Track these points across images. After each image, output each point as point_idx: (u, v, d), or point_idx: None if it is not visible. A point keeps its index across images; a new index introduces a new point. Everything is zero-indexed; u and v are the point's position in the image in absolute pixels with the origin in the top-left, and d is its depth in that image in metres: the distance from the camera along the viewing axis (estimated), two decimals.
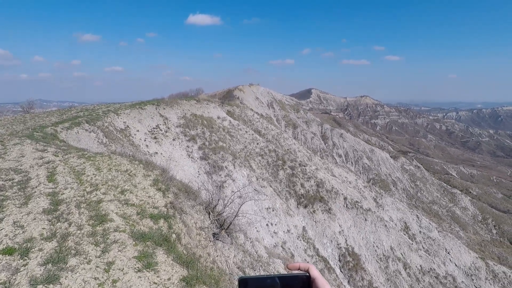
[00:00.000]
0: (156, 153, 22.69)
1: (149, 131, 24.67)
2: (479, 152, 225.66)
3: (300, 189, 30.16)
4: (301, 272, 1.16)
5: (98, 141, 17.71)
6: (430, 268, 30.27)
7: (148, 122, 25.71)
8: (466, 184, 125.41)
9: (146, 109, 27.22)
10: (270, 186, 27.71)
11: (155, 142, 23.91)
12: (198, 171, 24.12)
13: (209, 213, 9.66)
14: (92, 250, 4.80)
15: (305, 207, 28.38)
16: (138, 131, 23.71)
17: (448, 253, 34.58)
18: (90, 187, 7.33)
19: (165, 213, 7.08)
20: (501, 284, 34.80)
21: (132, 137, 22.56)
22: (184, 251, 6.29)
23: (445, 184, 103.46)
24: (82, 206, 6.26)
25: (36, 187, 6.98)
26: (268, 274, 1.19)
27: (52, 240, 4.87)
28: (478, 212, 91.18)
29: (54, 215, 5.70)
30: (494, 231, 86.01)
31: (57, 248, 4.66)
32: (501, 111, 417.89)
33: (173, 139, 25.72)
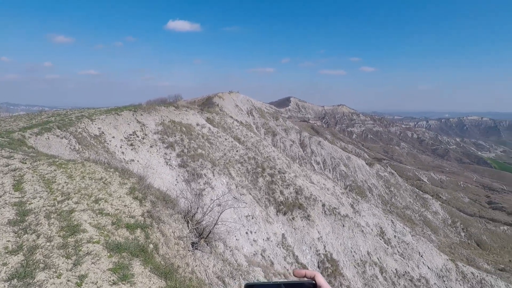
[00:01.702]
0: (133, 160, 22.02)
1: (125, 138, 23.94)
2: (447, 159, 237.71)
3: (279, 196, 30.27)
4: (307, 279, 1.16)
5: (70, 147, 16.95)
6: (405, 272, 31.16)
7: (124, 128, 24.97)
8: (437, 189, 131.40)
9: (123, 115, 26.45)
10: (250, 194, 27.61)
11: (132, 149, 23.22)
12: (177, 179, 23.62)
13: (187, 222, 9.44)
14: (62, 263, 4.52)
15: (285, 214, 28.48)
16: (113, 137, 22.94)
17: (421, 256, 35.81)
18: (61, 196, 6.96)
19: (142, 222, 6.83)
20: (470, 284, 36.40)
21: (108, 143, 21.79)
22: (162, 261, 6.08)
23: (417, 190, 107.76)
24: (52, 216, 5.92)
25: (0, 197, 6.53)
26: (275, 281, 1.17)
27: (18, 253, 4.55)
28: (448, 216, 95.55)
29: (20, 227, 5.34)
30: (463, 234, 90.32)
31: (23, 262, 4.35)
32: (466, 121, 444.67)
33: (151, 146, 25.11)
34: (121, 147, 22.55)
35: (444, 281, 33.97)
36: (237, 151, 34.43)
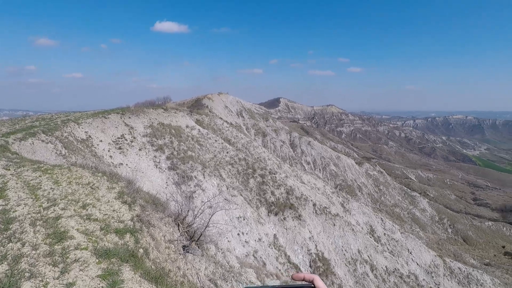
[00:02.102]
0: (121, 164, 21.69)
1: (113, 141, 23.56)
2: (434, 157, 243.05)
3: (270, 197, 30.32)
4: (306, 283, 1.16)
5: (56, 152, 16.57)
6: (395, 269, 31.65)
7: (112, 131, 24.57)
8: (424, 187, 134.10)
9: (110, 118, 26.03)
10: (241, 195, 27.56)
11: (120, 153, 22.87)
12: (166, 182, 23.38)
13: (178, 225, 9.36)
14: (49, 271, 4.41)
15: (276, 214, 28.54)
16: (101, 141, 22.55)
17: (410, 253, 36.45)
18: (47, 203, 6.79)
19: (131, 227, 6.73)
20: (457, 279, 37.25)
21: (95, 147, 21.40)
22: (152, 266, 6.00)
23: (405, 188, 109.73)
24: (37, 223, 5.77)
25: None
26: (273, 285, 1.17)
27: (2, 263, 4.41)
28: (435, 213, 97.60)
29: (4, 235, 5.19)
30: (450, 230, 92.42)
31: (8, 271, 4.22)
32: (452, 119, 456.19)
33: (140, 149, 24.79)
34: (109, 150, 22.19)
35: (433, 276, 34.65)
36: (227, 152, 34.33)
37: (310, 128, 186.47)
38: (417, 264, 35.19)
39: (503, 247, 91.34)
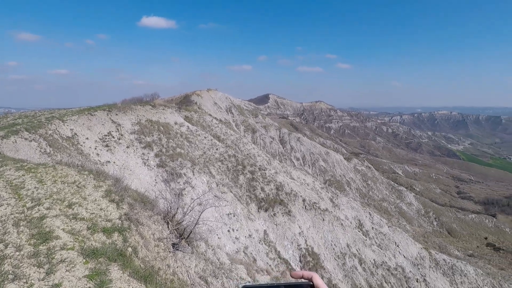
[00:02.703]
0: (109, 162, 21.31)
1: (100, 139, 23.11)
2: (420, 152, 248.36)
3: (260, 193, 30.40)
4: (304, 280, 1.17)
5: (40, 150, 16.14)
6: (383, 261, 32.32)
7: (98, 129, 24.09)
8: (411, 181, 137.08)
9: (97, 115, 25.51)
10: (231, 192, 27.54)
11: (107, 150, 22.47)
12: (155, 179, 23.13)
13: (167, 223, 9.28)
14: (34, 272, 4.30)
15: (266, 210, 28.66)
16: (87, 138, 22.09)
17: (398, 246, 37.28)
18: (31, 202, 6.61)
19: (119, 225, 6.63)
20: (442, 270, 38.36)
21: (81, 145, 20.95)
22: (141, 264, 5.94)
23: (392, 183, 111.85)
24: (21, 224, 5.61)
25: None
26: (271, 283, 1.17)
27: None
28: (421, 207, 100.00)
29: None
30: (435, 223, 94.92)
31: None
32: (437, 115, 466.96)
33: (127, 147, 24.40)
34: (95, 148, 21.76)
35: (419, 268, 35.56)
36: (217, 149, 34.19)
37: (299, 124, 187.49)
38: (404, 257, 36.04)
39: (486, 238, 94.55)
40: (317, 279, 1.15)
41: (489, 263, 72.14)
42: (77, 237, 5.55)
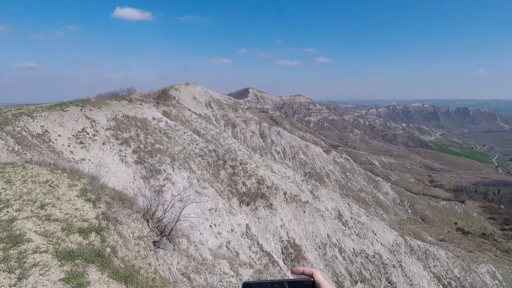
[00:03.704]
0: (83, 159, 20.51)
1: (73, 136, 22.16)
2: (395, 143, 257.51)
3: (242, 187, 30.43)
4: (306, 277, 1.16)
5: (8, 149, 15.25)
6: (361, 250, 33.45)
7: (71, 125, 23.07)
8: (387, 172, 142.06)
9: (69, 111, 24.39)
10: (212, 187, 27.37)
11: (82, 148, 21.60)
12: (134, 176, 22.54)
13: (148, 221, 9.07)
14: (4, 278, 4.06)
15: (248, 204, 28.75)
16: (59, 136, 21.11)
17: (375, 234, 38.67)
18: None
19: (96, 225, 6.40)
20: (416, 255, 40.29)
21: (53, 143, 20.00)
22: (121, 264, 5.77)
23: (370, 173, 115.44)
24: None
25: None
26: (273, 279, 1.15)
27: None
28: (397, 196, 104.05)
29: None
30: (410, 211, 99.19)
31: None
32: (411, 107, 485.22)
33: (103, 143, 23.57)
34: (69, 145, 20.86)
35: (395, 255, 37.14)
36: (197, 144, 33.77)
37: (279, 118, 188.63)
38: (381, 244, 37.46)
39: (455, 223, 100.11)
40: (318, 276, 1.15)
41: (459, 247, 76.58)
42: (51, 239, 5.30)
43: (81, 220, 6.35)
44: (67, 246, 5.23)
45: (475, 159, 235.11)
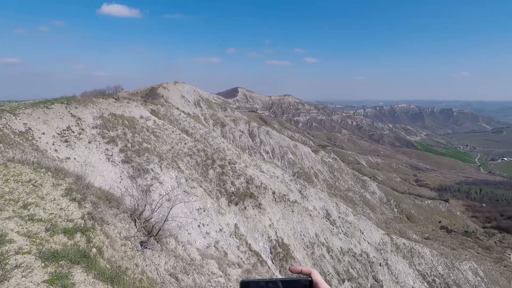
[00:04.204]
0: (69, 158, 20.04)
1: (58, 134, 21.62)
2: (382, 143, 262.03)
3: (230, 187, 30.36)
4: (303, 276, 1.17)
5: None
6: (349, 249, 33.91)
7: (56, 123, 22.50)
8: (374, 171, 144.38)
9: (54, 109, 23.78)
10: (200, 186, 27.21)
11: (67, 146, 21.10)
12: (121, 176, 22.18)
13: (135, 221, 8.95)
14: None
15: (236, 204, 28.72)
16: (43, 133, 20.56)
17: (362, 233, 39.27)
18: None
19: (82, 225, 6.27)
20: (402, 254, 41.13)
21: (36, 141, 19.46)
22: (107, 265, 5.68)
23: (357, 173, 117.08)
24: None
25: None
26: (270, 278, 1.15)
27: None
28: (383, 195, 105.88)
29: None
30: (396, 210, 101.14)
31: None
32: (397, 108, 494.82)
33: (89, 142, 23.09)
34: (53, 144, 20.34)
35: (382, 253, 37.81)
36: (185, 143, 33.49)
37: (268, 118, 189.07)
38: (368, 243, 38.08)
39: (440, 222, 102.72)
40: (316, 275, 1.16)
41: (443, 245, 78.61)
42: (34, 239, 5.16)
43: (65, 220, 6.21)
44: (51, 246, 5.10)
45: (458, 159, 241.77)
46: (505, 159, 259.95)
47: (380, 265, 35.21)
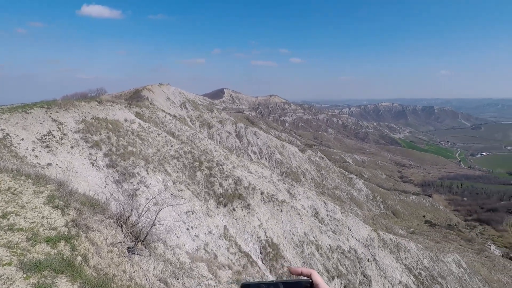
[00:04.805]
0: (50, 164, 19.43)
1: (38, 139, 20.92)
2: (367, 141, 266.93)
3: (218, 188, 30.19)
4: (304, 278, 1.16)
5: None
6: (337, 246, 34.33)
7: (36, 128, 21.77)
8: (360, 169, 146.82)
9: (33, 113, 23.00)
10: (188, 189, 26.93)
11: (48, 152, 20.44)
12: (105, 181, 21.67)
13: (121, 226, 8.76)
14: None
15: (225, 206, 28.58)
16: (22, 139, 19.85)
17: (350, 230, 39.84)
18: None
19: (65, 233, 6.07)
20: (389, 249, 41.97)
21: (15, 147, 18.77)
22: (93, 273, 5.52)
23: (344, 171, 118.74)
24: None
25: None
26: (271, 280, 1.13)
27: None
28: (370, 192, 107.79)
29: None
30: (382, 206, 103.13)
31: None
32: (381, 107, 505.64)
33: (72, 147, 22.45)
34: (33, 150, 19.66)
35: (369, 249, 38.47)
36: (172, 146, 33.08)
37: (255, 118, 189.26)
38: (356, 240, 38.66)
39: (424, 216, 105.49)
40: (316, 276, 1.15)
41: (427, 238, 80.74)
42: (15, 250, 4.96)
43: (48, 229, 6.00)
44: (33, 257, 4.92)
45: (440, 155, 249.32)
46: (484, 154, 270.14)
47: (368, 261, 35.81)
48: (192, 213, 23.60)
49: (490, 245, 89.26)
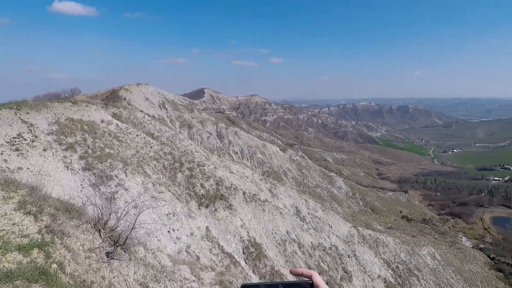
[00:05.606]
0: (21, 168, 18.46)
1: (7, 142, 19.83)
2: (346, 140, 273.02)
3: (200, 189, 29.88)
4: (304, 279, 1.16)
5: None
6: (319, 243, 34.89)
7: (5, 130, 20.63)
8: (339, 167, 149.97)
9: (1, 115, 21.78)
10: (169, 191, 26.45)
11: (18, 155, 19.42)
12: (81, 184, 20.87)
13: (99, 231, 8.47)
14: None
15: (207, 207, 28.32)
16: None
17: (331, 227, 40.61)
18: None
19: (39, 240, 5.80)
20: (368, 244, 43.15)
21: None
22: (70, 281, 5.31)
23: (324, 170, 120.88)
24: None
25: None
26: (271, 281, 1.12)
27: None
28: (349, 189, 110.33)
29: None
30: (361, 203, 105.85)
31: None
32: (359, 106, 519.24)
33: (44, 150, 21.44)
34: (2, 153, 18.62)
35: (349, 245, 39.39)
36: (151, 147, 32.38)
37: (236, 118, 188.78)
38: (337, 236, 39.47)
39: (401, 212, 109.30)
40: (316, 278, 1.15)
41: (404, 233, 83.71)
42: None
43: (20, 236, 5.71)
44: (3, 266, 4.66)
45: (415, 152, 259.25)
46: (455, 150, 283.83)
47: (349, 257, 36.66)
48: (173, 215, 23.21)
49: (461, 237, 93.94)
